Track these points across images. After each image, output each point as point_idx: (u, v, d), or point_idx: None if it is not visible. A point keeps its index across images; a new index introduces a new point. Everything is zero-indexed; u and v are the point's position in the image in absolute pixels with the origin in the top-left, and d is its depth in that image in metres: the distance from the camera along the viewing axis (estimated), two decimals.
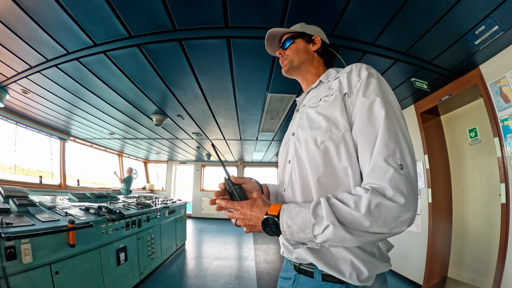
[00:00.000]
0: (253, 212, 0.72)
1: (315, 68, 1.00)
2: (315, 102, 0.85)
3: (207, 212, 9.74)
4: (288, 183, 0.86)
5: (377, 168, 0.62)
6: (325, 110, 0.78)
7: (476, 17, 1.65)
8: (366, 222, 0.57)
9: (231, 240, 5.97)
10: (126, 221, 2.75)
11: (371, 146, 0.65)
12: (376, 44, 1.95)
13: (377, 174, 0.61)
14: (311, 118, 0.82)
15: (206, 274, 3.69)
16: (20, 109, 3.69)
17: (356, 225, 0.58)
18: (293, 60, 1.00)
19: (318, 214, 0.62)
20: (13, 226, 1.62)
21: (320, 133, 0.76)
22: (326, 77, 0.91)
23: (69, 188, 4.87)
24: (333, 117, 0.75)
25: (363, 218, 0.57)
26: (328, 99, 0.79)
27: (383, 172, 0.61)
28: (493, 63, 2.12)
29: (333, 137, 0.74)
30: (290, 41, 1.02)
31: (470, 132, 2.90)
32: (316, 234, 0.61)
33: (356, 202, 0.60)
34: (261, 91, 2.86)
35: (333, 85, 0.83)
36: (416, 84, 2.53)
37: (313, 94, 0.93)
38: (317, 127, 0.78)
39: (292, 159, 0.86)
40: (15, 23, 1.76)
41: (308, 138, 0.79)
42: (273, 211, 0.69)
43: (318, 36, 1.02)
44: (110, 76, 2.50)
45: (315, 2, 1.55)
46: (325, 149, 0.75)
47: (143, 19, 1.71)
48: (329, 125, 0.75)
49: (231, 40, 1.94)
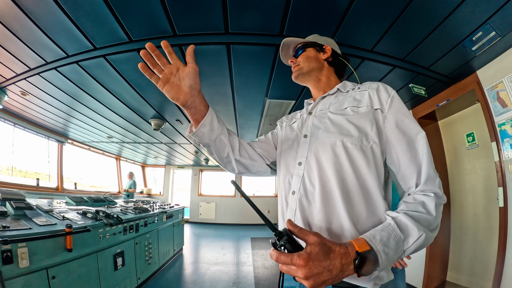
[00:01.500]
0: (332, 260, 0.56)
1: (325, 76, 1.04)
2: (339, 109, 0.88)
3: (204, 217, 9.69)
4: (300, 186, 0.84)
5: (430, 178, 0.73)
6: (356, 120, 0.82)
7: (473, 24, 1.68)
8: (436, 222, 0.68)
9: (229, 245, 5.93)
10: (124, 225, 2.73)
11: (416, 160, 0.75)
12: (375, 51, 1.97)
13: (431, 182, 0.73)
14: (339, 124, 0.84)
15: (204, 279, 3.66)
16: (18, 111, 3.67)
17: (432, 226, 0.67)
18: (303, 67, 1.03)
19: (404, 230, 0.64)
20: (10, 229, 1.61)
21: (352, 141, 0.79)
22: (343, 87, 0.96)
23: (66, 191, 4.83)
24: (363, 128, 0.80)
25: (434, 219, 0.67)
26: (358, 111, 0.84)
27: (433, 180, 0.73)
28: (490, 68, 2.15)
29: (363, 148, 0.78)
30: (301, 50, 1.06)
31: (468, 137, 2.91)
32: (405, 248, 0.64)
33: (425, 207, 0.68)
34: (260, 97, 2.87)
35: (359, 97, 0.88)
36: (414, 90, 2.56)
37: (330, 100, 0.95)
38: (347, 134, 0.81)
39: (305, 162, 0.85)
40: (15, 24, 1.76)
41: (337, 143, 0.80)
42: (362, 246, 0.58)
43: (328, 46, 1.06)
44: (109, 80, 2.50)
45: (315, 10, 1.57)
46: (355, 156, 0.78)
47: (143, 24, 1.72)
48: (361, 135, 0.79)
49: (231, 46, 1.95)
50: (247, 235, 7.27)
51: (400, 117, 0.80)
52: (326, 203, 0.78)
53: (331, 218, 0.77)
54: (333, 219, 0.76)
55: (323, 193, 0.79)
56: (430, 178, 0.73)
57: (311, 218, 0.80)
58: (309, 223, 0.81)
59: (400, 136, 0.78)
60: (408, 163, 0.76)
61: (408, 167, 0.76)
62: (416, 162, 0.75)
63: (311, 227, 0.80)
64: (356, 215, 0.75)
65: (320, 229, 0.77)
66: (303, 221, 0.81)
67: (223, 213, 9.76)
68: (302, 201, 0.83)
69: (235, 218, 9.69)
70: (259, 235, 7.29)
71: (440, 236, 2.93)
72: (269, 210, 9.66)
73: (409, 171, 0.76)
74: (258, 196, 10.07)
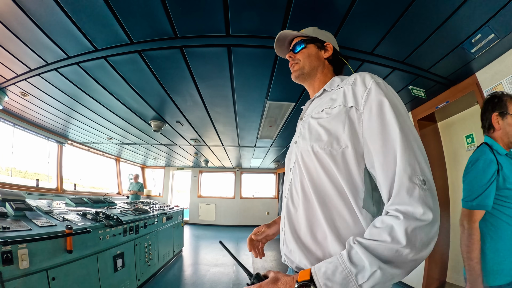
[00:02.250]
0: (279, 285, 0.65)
1: (324, 75, 0.98)
2: (318, 112, 0.84)
3: (204, 219, 9.68)
4: (288, 191, 0.86)
5: (403, 189, 0.58)
6: (327, 123, 0.76)
7: (472, 26, 1.69)
8: (408, 251, 0.54)
9: (229, 247, 5.86)
10: (124, 227, 2.73)
11: (390, 165, 0.62)
12: (375, 53, 1.98)
13: (404, 194, 0.58)
14: (313, 129, 0.80)
15: (204, 281, 3.65)
16: (18, 111, 3.67)
17: (400, 258, 0.55)
18: (304, 66, 0.97)
19: (357, 263, 0.56)
20: (10, 230, 1.61)
21: (321, 145, 0.75)
22: (330, 86, 0.90)
23: (66, 192, 4.82)
24: (334, 131, 0.74)
25: (404, 249, 0.54)
26: (331, 112, 0.78)
27: (410, 192, 0.58)
28: (489, 70, 2.16)
29: (333, 152, 0.72)
30: (301, 45, 0.99)
31: (467, 138, 2.92)
32: (362, 283, 0.54)
33: (391, 234, 0.56)
34: (260, 99, 2.88)
35: (335, 96, 0.81)
36: (414, 92, 2.57)
37: (316, 103, 0.92)
38: (318, 139, 0.76)
39: (293, 168, 0.86)
40: (16, 25, 1.76)
41: (308, 149, 0.78)
42: (303, 276, 0.61)
43: (330, 43, 0.99)
44: (110, 81, 2.50)
45: (315, 12, 1.58)
46: (325, 162, 0.74)
47: (144, 25, 1.72)
48: (331, 139, 0.73)
49: (232, 49, 1.96)
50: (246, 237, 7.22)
51: (376, 111, 0.67)
52: (307, 208, 0.77)
53: (313, 224, 0.75)
54: (315, 225, 0.75)
55: (304, 198, 0.78)
56: (402, 189, 0.58)
57: (297, 224, 0.80)
58: (296, 229, 0.79)
59: (374, 136, 0.66)
60: (381, 169, 0.64)
61: (382, 173, 0.64)
62: (389, 166, 0.62)
63: (298, 232, 0.78)
64: (335, 223, 0.71)
65: (305, 235, 0.76)
66: (290, 227, 0.81)
67: (223, 215, 9.75)
68: (289, 206, 0.83)
69: (235, 219, 9.69)
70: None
71: (439, 237, 2.91)
72: (269, 212, 9.66)
73: (382, 178, 0.64)
74: (258, 198, 10.05)
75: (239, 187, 9.99)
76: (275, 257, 4.93)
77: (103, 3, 1.51)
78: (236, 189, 10.01)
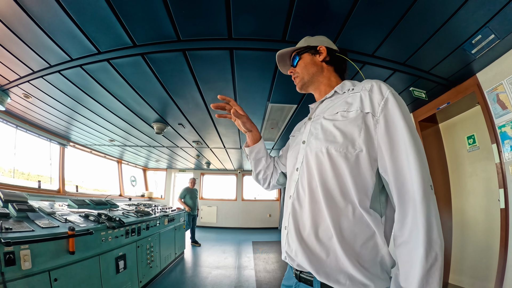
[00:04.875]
0: None
1: (326, 78, 1.01)
2: (332, 114, 0.85)
3: (206, 221, 9.67)
4: (294, 191, 0.86)
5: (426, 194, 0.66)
6: (344, 126, 0.79)
7: (472, 27, 1.69)
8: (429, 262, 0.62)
9: (230, 249, 5.91)
10: (126, 229, 2.73)
11: (404, 172, 0.69)
12: (376, 55, 1.99)
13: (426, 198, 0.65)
14: (327, 130, 0.82)
15: (205, 283, 3.65)
16: (20, 113, 3.69)
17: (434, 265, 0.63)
18: (304, 76, 1.02)
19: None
20: (12, 231, 1.62)
21: (336, 147, 0.77)
22: (341, 88, 0.92)
23: (68, 194, 4.83)
24: (350, 135, 0.77)
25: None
26: (347, 116, 0.80)
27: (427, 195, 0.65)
28: (490, 71, 2.16)
29: (348, 155, 0.75)
30: (297, 58, 1.04)
31: (468, 139, 2.92)
32: None
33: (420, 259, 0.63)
34: (262, 101, 2.89)
35: (351, 100, 0.83)
36: (415, 93, 2.57)
37: (327, 104, 0.93)
38: (332, 141, 0.78)
39: (300, 167, 0.86)
40: (19, 27, 1.77)
41: (322, 150, 0.79)
42: None
43: (322, 46, 1.02)
44: (112, 83, 2.52)
45: (316, 15, 1.59)
46: (338, 164, 0.76)
47: (147, 28, 1.74)
48: (346, 142, 0.76)
49: (234, 52, 1.97)
50: (248, 239, 7.24)
51: (392, 121, 0.73)
52: (313, 208, 0.78)
53: (318, 224, 0.77)
54: (320, 226, 0.76)
55: (311, 198, 0.80)
56: (426, 193, 0.66)
57: (301, 223, 0.81)
58: (300, 229, 0.81)
59: (389, 144, 0.72)
60: (395, 174, 0.70)
61: (395, 178, 0.71)
62: (403, 173, 0.69)
63: (302, 232, 0.80)
64: (341, 223, 0.73)
65: (309, 235, 0.77)
66: (294, 226, 0.82)
67: (225, 217, 9.73)
68: (295, 205, 0.84)
69: (237, 221, 9.67)
70: (261, 239, 7.27)
71: None
72: (271, 214, 9.64)
73: (394, 182, 0.71)
74: (260, 200, 10.04)
75: (240, 189, 9.98)
76: (277, 259, 4.92)
77: (106, 6, 1.52)
78: (237, 191, 10.00)
